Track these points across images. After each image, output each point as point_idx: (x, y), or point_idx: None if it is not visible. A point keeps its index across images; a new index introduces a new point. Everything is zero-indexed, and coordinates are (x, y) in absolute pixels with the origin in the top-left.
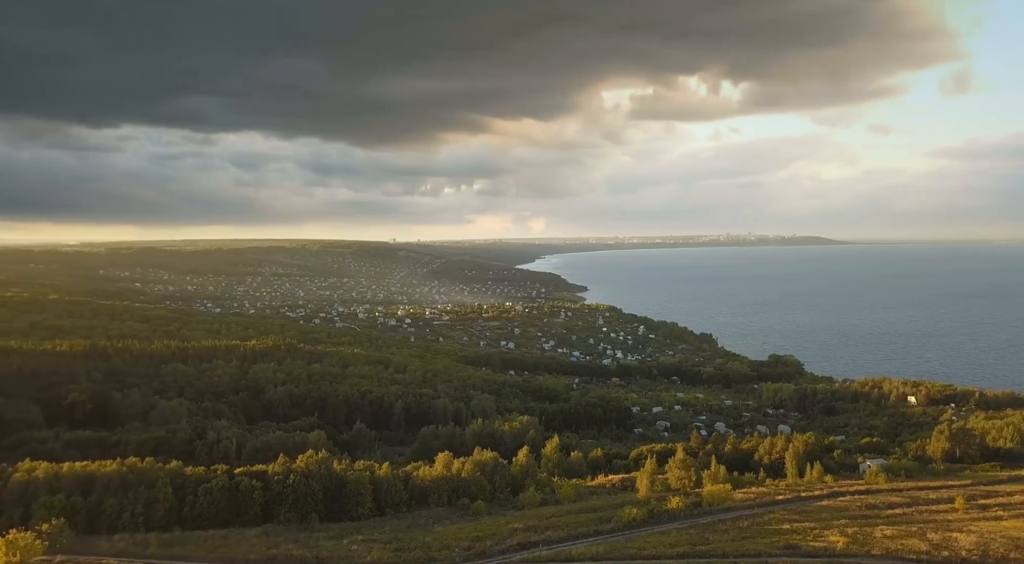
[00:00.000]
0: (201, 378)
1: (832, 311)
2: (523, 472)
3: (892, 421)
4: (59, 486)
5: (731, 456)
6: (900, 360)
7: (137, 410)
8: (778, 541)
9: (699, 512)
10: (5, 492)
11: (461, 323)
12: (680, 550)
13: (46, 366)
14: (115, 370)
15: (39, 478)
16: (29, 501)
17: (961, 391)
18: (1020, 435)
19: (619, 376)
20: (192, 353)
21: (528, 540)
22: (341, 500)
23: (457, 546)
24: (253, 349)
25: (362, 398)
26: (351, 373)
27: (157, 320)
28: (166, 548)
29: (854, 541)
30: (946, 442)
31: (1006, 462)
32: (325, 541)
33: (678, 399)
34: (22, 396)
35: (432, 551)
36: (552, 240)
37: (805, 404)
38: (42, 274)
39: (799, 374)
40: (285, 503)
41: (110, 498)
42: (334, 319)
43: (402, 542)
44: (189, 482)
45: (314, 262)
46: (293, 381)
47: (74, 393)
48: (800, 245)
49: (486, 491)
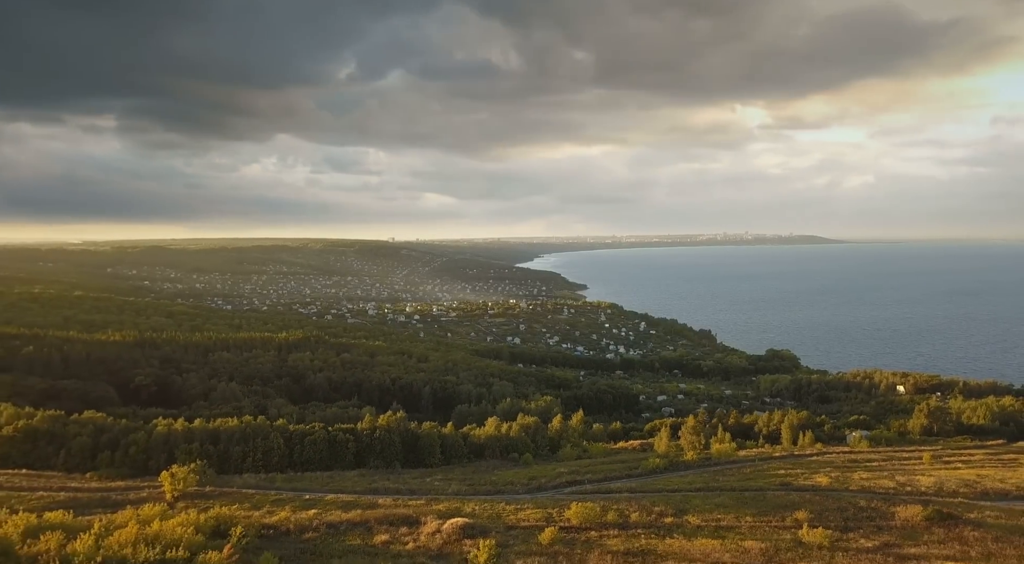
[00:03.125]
0: (247, 365)
1: (828, 308)
2: (558, 434)
3: (880, 407)
4: (193, 437)
5: (734, 428)
6: (894, 355)
7: (197, 392)
8: (775, 480)
9: (710, 463)
10: (151, 441)
11: (468, 319)
12: (697, 486)
13: (111, 354)
14: (168, 357)
15: (178, 431)
16: (171, 448)
17: (947, 380)
18: (991, 414)
19: (623, 369)
20: (233, 343)
21: (574, 479)
22: (416, 451)
23: (517, 483)
24: (287, 340)
25: (393, 383)
26: (379, 362)
27: (180, 315)
28: (288, 483)
29: (836, 481)
30: (924, 419)
31: (976, 436)
32: (410, 479)
33: (681, 389)
34: (95, 379)
35: (498, 486)
36: (551, 239)
37: (800, 393)
38: (51, 272)
39: (795, 367)
40: (373, 452)
41: (234, 447)
42: (345, 315)
43: (472, 480)
44: (295, 435)
45: (317, 260)
46: (329, 368)
47: (140, 376)
48: (797, 244)
49: (530, 448)
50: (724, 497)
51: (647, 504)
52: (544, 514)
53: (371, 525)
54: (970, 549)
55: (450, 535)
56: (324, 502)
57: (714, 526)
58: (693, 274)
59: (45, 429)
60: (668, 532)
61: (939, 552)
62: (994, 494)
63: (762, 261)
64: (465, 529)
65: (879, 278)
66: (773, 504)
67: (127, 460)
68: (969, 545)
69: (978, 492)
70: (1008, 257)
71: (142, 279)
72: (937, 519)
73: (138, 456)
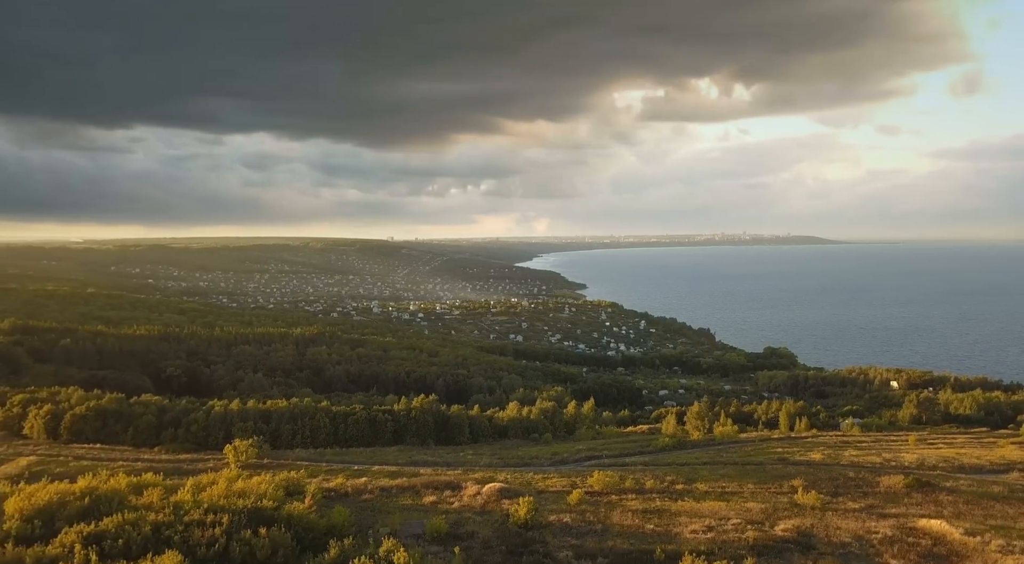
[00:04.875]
0: (268, 358)
1: (826, 308)
2: (573, 419)
3: (874, 400)
4: (247, 417)
5: (735, 415)
6: (890, 353)
7: (226, 382)
8: (773, 456)
9: (714, 443)
10: (210, 420)
11: (471, 318)
12: (704, 460)
13: (140, 347)
14: (193, 350)
15: (234, 410)
16: (228, 426)
17: (939, 376)
18: (977, 404)
19: (624, 366)
20: (253, 338)
21: (592, 454)
22: (447, 430)
23: (542, 457)
24: (304, 335)
25: (407, 376)
26: (393, 356)
27: (192, 312)
28: (336, 456)
29: (828, 457)
30: (914, 409)
31: (963, 425)
32: (444, 454)
33: (681, 385)
34: (129, 370)
35: (525, 460)
36: (549, 239)
37: (797, 389)
38: (56, 270)
39: (793, 365)
40: (409, 431)
41: (284, 425)
42: (351, 313)
43: (500, 455)
44: (339, 415)
45: (319, 259)
46: (346, 362)
47: (170, 368)
48: (796, 244)
49: (549, 429)
50: (728, 469)
51: (660, 474)
52: (569, 482)
53: (418, 489)
54: (943, 509)
55: (490, 496)
56: (372, 472)
57: (720, 491)
58: (691, 274)
59: (113, 409)
60: (680, 496)
61: (916, 511)
62: (970, 468)
63: (760, 261)
64: (502, 492)
65: (875, 278)
66: (772, 475)
67: (189, 436)
68: (943, 506)
69: (955, 466)
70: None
71: (146, 277)
72: (916, 486)
73: (199, 433)
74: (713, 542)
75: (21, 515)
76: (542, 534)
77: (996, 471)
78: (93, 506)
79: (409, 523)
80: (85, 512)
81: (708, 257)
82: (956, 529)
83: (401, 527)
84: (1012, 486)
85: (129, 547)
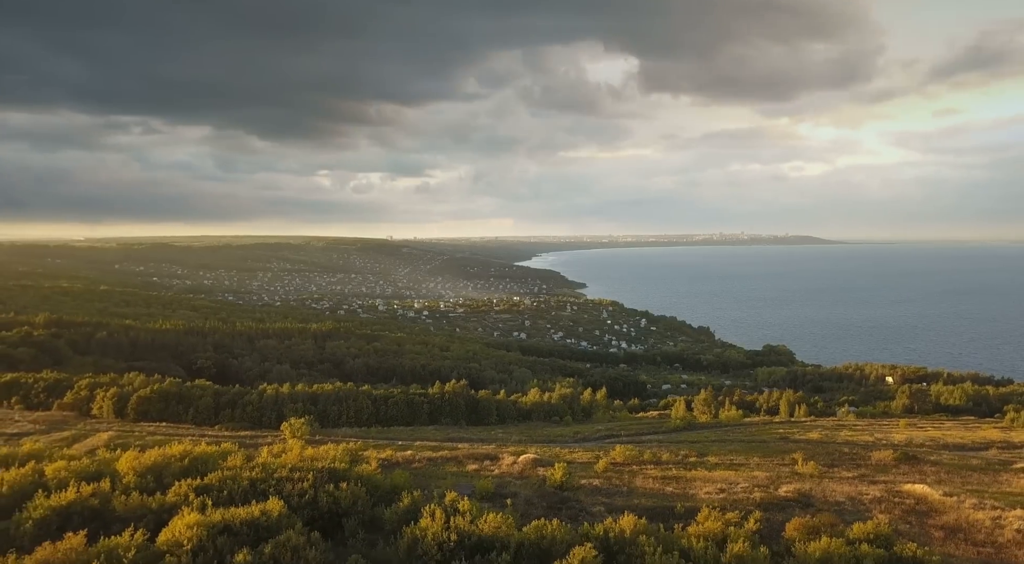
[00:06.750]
0: (291, 351)
1: (824, 307)
2: (589, 404)
3: (869, 394)
4: (297, 399)
5: (738, 403)
6: (888, 350)
7: (254, 374)
8: (776, 435)
9: (721, 425)
10: (263, 401)
11: (475, 315)
12: (712, 439)
13: (170, 340)
14: (220, 344)
15: (284, 393)
16: (279, 407)
17: (932, 372)
18: (967, 396)
19: (626, 363)
20: (273, 333)
21: (610, 433)
22: (477, 412)
23: (565, 435)
24: (320, 330)
25: (423, 369)
26: (407, 350)
27: (205, 309)
28: (380, 433)
29: (825, 437)
30: (906, 399)
31: (952, 414)
32: (476, 431)
33: (683, 380)
34: (163, 362)
35: (550, 438)
36: (548, 238)
37: (795, 384)
38: (61, 268)
39: (791, 362)
40: (443, 412)
41: (331, 407)
42: (357, 311)
43: (527, 433)
44: (379, 398)
45: (321, 258)
46: (364, 355)
47: (201, 360)
48: (793, 244)
49: (569, 413)
50: (736, 446)
51: (674, 449)
52: (593, 454)
53: (460, 459)
54: (926, 477)
55: (525, 465)
56: (415, 446)
57: (729, 463)
58: (691, 274)
59: (174, 391)
60: (693, 466)
61: (903, 479)
62: (953, 446)
63: (759, 261)
64: (536, 461)
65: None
66: (775, 450)
67: (244, 416)
68: (926, 475)
69: (940, 445)
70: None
71: (150, 275)
72: (904, 459)
73: (253, 414)
74: (725, 501)
75: (135, 471)
76: (576, 494)
77: (976, 449)
78: (192, 466)
79: (460, 485)
80: (186, 471)
81: (706, 256)
82: (936, 492)
83: (454, 488)
84: (989, 460)
85: (232, 497)
